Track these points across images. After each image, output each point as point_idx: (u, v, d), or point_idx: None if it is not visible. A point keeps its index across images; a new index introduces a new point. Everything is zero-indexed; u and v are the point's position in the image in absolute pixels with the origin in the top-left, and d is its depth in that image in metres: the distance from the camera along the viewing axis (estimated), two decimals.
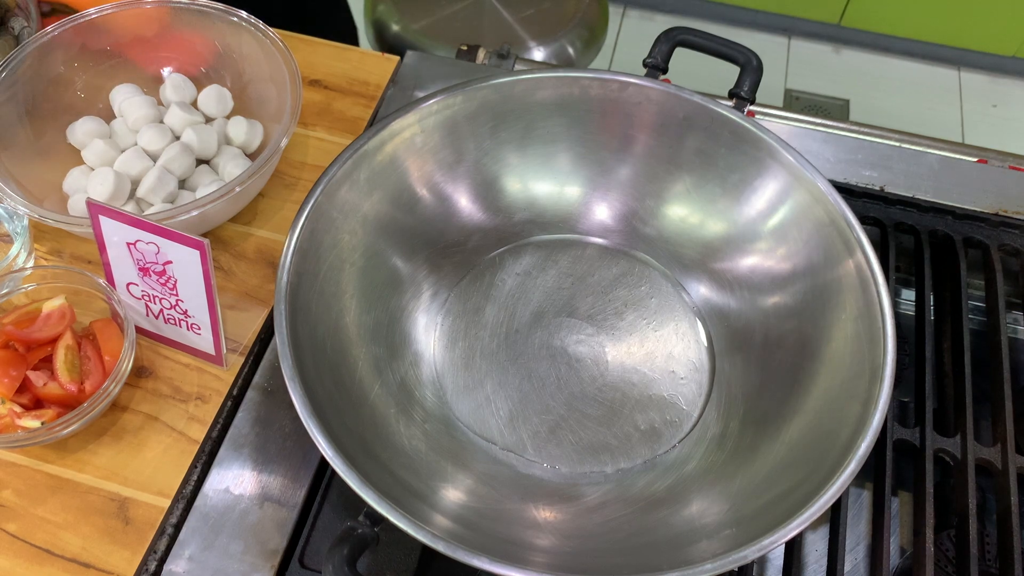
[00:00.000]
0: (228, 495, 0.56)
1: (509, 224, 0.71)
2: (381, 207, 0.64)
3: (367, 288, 0.62)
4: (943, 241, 0.74)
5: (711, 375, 0.64)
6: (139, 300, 0.60)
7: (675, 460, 0.60)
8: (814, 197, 0.62)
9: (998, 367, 0.65)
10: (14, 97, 0.67)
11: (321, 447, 0.47)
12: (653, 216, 0.70)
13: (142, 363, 0.62)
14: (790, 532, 0.46)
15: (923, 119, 2.01)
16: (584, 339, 0.66)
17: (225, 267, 0.67)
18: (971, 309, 0.72)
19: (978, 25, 1.97)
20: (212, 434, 0.59)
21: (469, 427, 0.61)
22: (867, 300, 0.57)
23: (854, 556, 0.59)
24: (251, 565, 0.54)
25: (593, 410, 0.62)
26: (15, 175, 0.64)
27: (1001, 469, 0.61)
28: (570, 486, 0.59)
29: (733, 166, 0.66)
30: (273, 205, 0.71)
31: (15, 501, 0.56)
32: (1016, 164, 0.80)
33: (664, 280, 0.69)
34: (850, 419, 0.52)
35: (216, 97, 0.72)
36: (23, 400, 0.56)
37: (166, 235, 0.54)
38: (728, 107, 0.65)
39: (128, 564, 0.54)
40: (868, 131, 0.83)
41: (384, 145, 0.62)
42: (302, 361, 0.52)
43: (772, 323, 0.63)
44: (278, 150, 0.64)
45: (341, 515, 0.57)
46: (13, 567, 0.53)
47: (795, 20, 2.09)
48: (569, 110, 0.67)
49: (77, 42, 0.70)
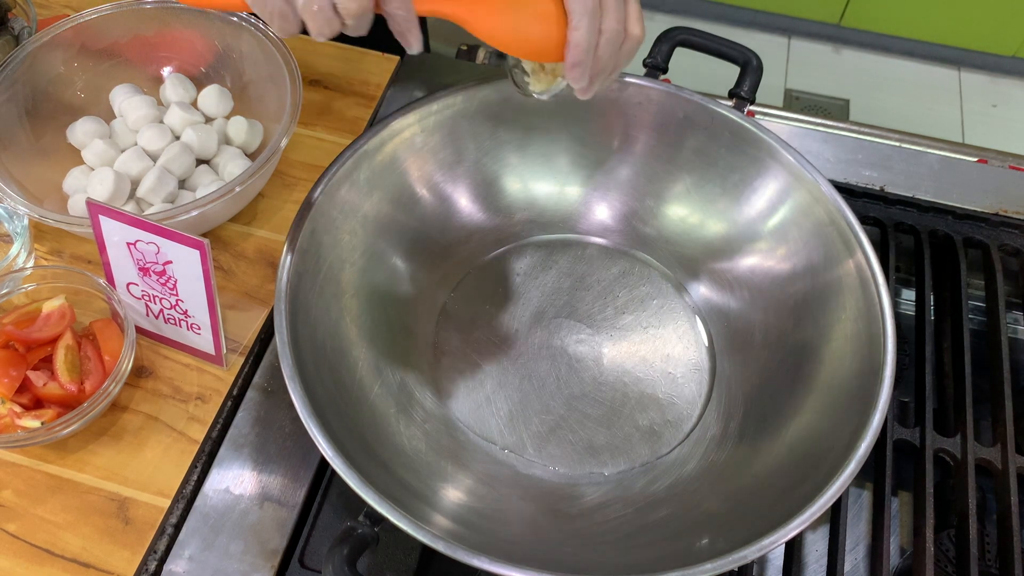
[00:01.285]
0: (228, 495, 0.56)
1: (509, 224, 0.71)
2: (381, 207, 0.64)
3: (367, 288, 0.62)
4: (943, 241, 0.74)
5: (711, 375, 0.64)
6: (139, 300, 0.60)
7: (675, 460, 0.60)
8: (814, 197, 0.62)
9: (998, 367, 0.65)
10: (14, 97, 0.67)
11: (321, 447, 0.47)
12: (653, 216, 0.70)
13: (142, 363, 0.62)
14: (790, 532, 0.46)
15: (923, 119, 2.01)
16: (584, 339, 0.66)
17: (225, 267, 0.67)
18: (971, 309, 0.72)
19: (978, 25, 1.96)
20: (212, 434, 0.59)
21: (469, 427, 0.61)
22: (867, 300, 0.57)
23: (854, 556, 0.59)
24: (251, 565, 0.54)
25: (593, 410, 0.62)
26: (15, 175, 0.64)
27: (1001, 469, 0.61)
28: (570, 486, 0.59)
29: (733, 166, 0.66)
30: (273, 205, 0.71)
31: (15, 501, 0.56)
32: (1016, 164, 0.80)
33: (664, 280, 0.69)
34: (850, 419, 0.52)
35: (216, 97, 0.72)
36: (23, 400, 0.56)
37: (166, 235, 0.54)
38: (728, 107, 0.65)
39: (128, 564, 0.53)
40: (868, 131, 0.83)
41: (384, 145, 0.62)
42: (302, 361, 0.52)
43: (772, 323, 0.63)
44: (278, 150, 0.64)
45: (341, 515, 0.57)
46: (13, 567, 0.53)
47: (795, 20, 2.09)
48: (569, 110, 0.67)
49: (77, 42, 0.70)
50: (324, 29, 0.47)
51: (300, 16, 0.47)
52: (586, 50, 0.51)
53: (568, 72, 0.53)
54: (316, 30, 0.47)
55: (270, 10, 0.47)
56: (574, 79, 0.53)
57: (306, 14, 0.47)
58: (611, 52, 0.52)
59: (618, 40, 0.52)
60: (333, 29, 0.48)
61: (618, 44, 0.52)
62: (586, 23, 0.50)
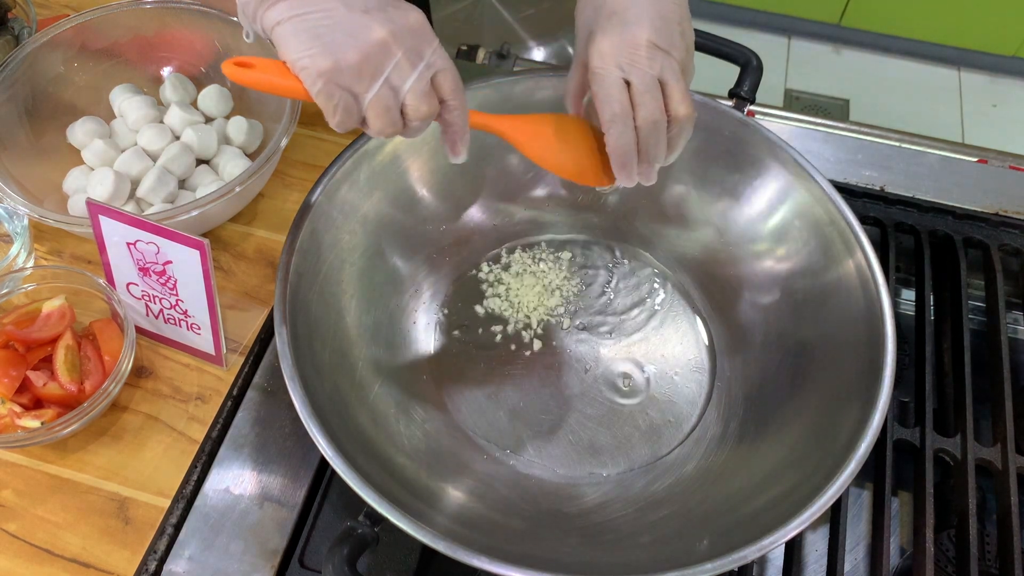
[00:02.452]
0: (228, 495, 0.56)
1: (509, 224, 0.70)
2: (381, 207, 0.64)
3: (367, 288, 0.62)
4: (943, 241, 0.74)
5: (711, 375, 0.64)
6: (139, 300, 0.60)
7: (675, 460, 0.60)
8: (814, 197, 0.62)
9: (998, 367, 0.65)
10: (14, 97, 0.67)
11: (321, 447, 0.47)
12: (653, 216, 0.70)
13: (142, 363, 0.62)
14: (790, 532, 0.46)
15: (923, 119, 2.00)
16: (584, 339, 0.66)
17: (225, 267, 0.67)
18: (971, 309, 0.72)
19: (978, 25, 1.96)
20: (212, 434, 0.59)
21: (469, 427, 0.61)
22: (867, 300, 0.57)
23: (854, 556, 0.59)
24: (251, 565, 0.54)
25: (593, 410, 0.62)
26: (15, 175, 0.64)
27: (1001, 469, 0.61)
28: (570, 486, 0.58)
29: (733, 166, 0.65)
30: (273, 205, 0.71)
31: (15, 501, 0.56)
32: (1016, 164, 0.80)
33: (664, 280, 0.69)
34: (850, 419, 0.52)
35: (216, 97, 0.72)
36: (23, 400, 0.56)
37: (166, 235, 0.54)
38: (728, 107, 0.65)
39: (128, 564, 0.53)
40: (868, 131, 0.83)
41: (384, 145, 0.62)
42: (302, 361, 0.52)
43: (772, 323, 0.63)
44: (278, 150, 0.64)
45: (341, 515, 0.57)
46: (13, 567, 0.53)
47: (795, 20, 2.09)
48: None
49: (77, 42, 0.70)
50: (387, 129, 0.46)
51: (364, 113, 0.46)
52: (625, 153, 0.50)
53: (617, 176, 0.52)
54: (378, 129, 0.46)
55: (335, 102, 0.45)
56: (623, 181, 0.52)
57: (371, 111, 0.45)
58: (655, 142, 0.51)
59: (659, 129, 0.50)
60: (396, 130, 0.47)
61: (660, 131, 0.50)
62: (617, 128, 0.49)
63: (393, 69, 0.45)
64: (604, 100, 0.49)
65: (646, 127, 0.50)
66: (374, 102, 0.45)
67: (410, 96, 0.46)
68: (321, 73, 0.44)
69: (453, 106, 0.48)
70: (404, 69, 0.45)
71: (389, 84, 0.45)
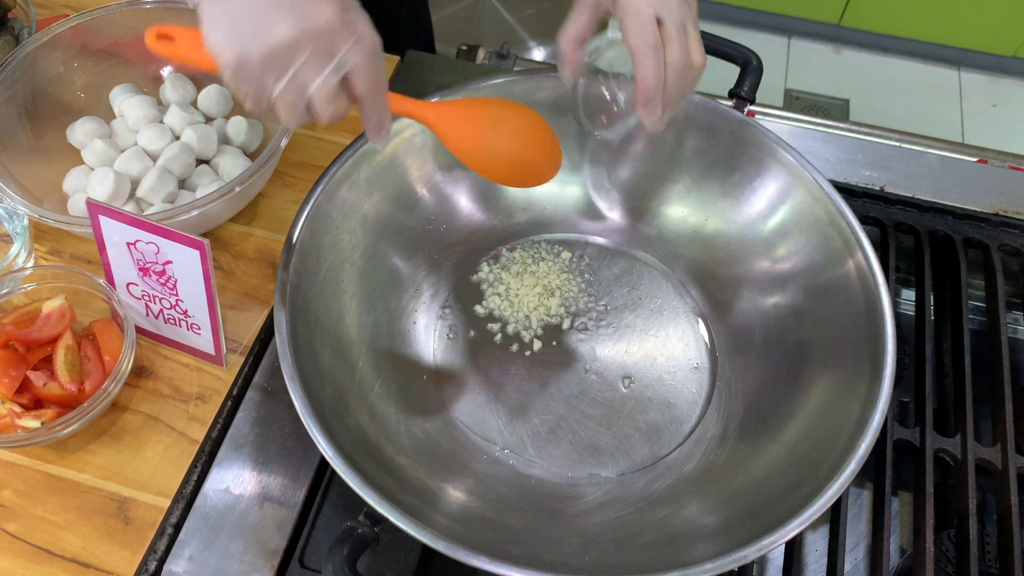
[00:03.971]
0: (228, 495, 0.56)
1: (509, 224, 0.70)
2: (381, 207, 0.64)
3: (367, 288, 0.62)
4: (943, 241, 0.74)
5: (711, 375, 0.64)
6: (139, 300, 0.60)
7: (675, 460, 0.60)
8: (814, 197, 0.62)
9: (998, 367, 0.65)
10: (14, 97, 0.67)
11: (321, 447, 0.47)
12: (653, 216, 0.70)
13: (142, 363, 0.62)
14: (790, 532, 0.46)
15: (923, 119, 2.01)
16: (584, 339, 0.66)
17: (225, 267, 0.67)
18: (971, 309, 0.72)
19: (978, 25, 1.96)
20: (212, 434, 0.59)
21: (469, 427, 0.61)
22: (867, 300, 0.57)
23: (854, 556, 0.59)
24: (251, 565, 0.54)
25: (593, 410, 0.62)
26: (15, 175, 0.64)
27: (1001, 469, 0.61)
28: (570, 486, 0.58)
29: (733, 166, 0.66)
30: (273, 205, 0.71)
31: (15, 501, 0.56)
32: (1016, 164, 0.80)
33: (664, 280, 0.69)
34: (850, 419, 0.52)
35: (216, 97, 0.72)
36: (23, 400, 0.56)
37: (166, 235, 0.54)
38: (728, 107, 0.65)
39: (128, 564, 0.53)
40: (868, 131, 0.83)
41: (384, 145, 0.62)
42: (302, 361, 0.52)
43: (772, 323, 0.63)
44: (278, 150, 0.64)
45: (341, 515, 0.57)
46: (13, 567, 0.53)
47: (795, 20, 2.09)
48: (569, 110, 0.67)
49: (77, 42, 0.70)
50: (298, 123, 0.47)
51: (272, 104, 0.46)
52: (655, 87, 0.51)
53: (640, 110, 0.53)
54: (287, 122, 0.47)
55: (244, 91, 0.45)
56: (647, 115, 0.53)
57: (279, 105, 0.46)
58: (679, 82, 0.52)
59: (685, 69, 0.52)
60: (301, 122, 0.47)
61: (687, 70, 0.52)
62: (651, 60, 0.50)
63: (301, 67, 0.44)
64: (639, 32, 0.50)
65: (676, 63, 0.51)
66: (280, 98, 0.45)
67: (316, 97, 0.45)
68: (228, 63, 0.44)
69: (367, 103, 0.48)
70: (311, 69, 0.44)
71: (296, 82, 0.45)
